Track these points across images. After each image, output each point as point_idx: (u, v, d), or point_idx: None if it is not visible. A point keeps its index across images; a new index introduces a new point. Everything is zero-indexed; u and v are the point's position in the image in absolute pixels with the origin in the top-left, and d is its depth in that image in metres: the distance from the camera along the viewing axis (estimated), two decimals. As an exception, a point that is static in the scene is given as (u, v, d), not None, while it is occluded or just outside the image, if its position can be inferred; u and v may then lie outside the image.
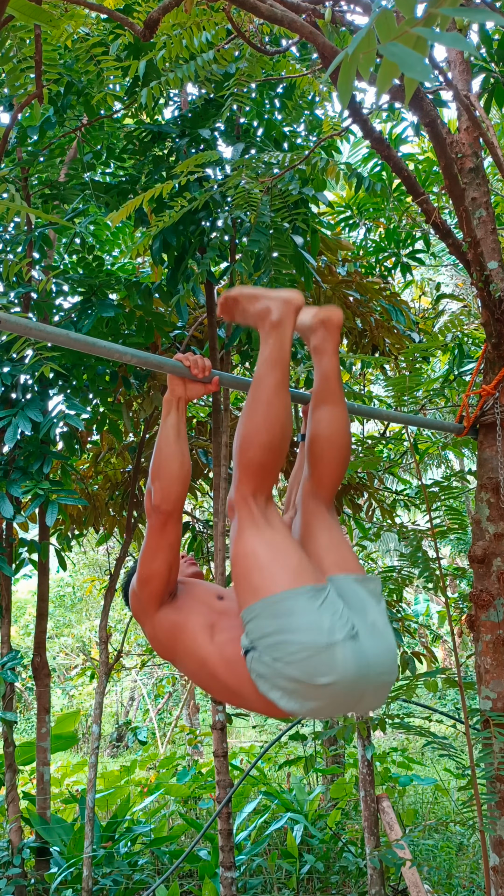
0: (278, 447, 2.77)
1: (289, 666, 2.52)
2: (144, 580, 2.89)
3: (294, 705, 2.56)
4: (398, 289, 9.93)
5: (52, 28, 4.79)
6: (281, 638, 2.53)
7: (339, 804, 9.23)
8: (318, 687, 2.51)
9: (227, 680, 2.75)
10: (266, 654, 2.56)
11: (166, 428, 2.89)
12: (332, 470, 3.05)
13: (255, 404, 2.77)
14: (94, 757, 7.54)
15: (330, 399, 3.08)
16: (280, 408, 2.77)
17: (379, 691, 2.67)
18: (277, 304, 2.87)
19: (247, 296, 2.98)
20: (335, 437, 3.05)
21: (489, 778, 3.97)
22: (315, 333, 3.14)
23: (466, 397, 4.27)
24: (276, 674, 2.54)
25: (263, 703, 2.66)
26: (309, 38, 3.71)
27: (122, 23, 4.26)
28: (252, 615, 2.61)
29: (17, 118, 5.59)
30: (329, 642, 2.51)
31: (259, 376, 2.80)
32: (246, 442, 2.76)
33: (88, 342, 2.89)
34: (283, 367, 2.82)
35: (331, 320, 3.13)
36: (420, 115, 4.02)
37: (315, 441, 3.05)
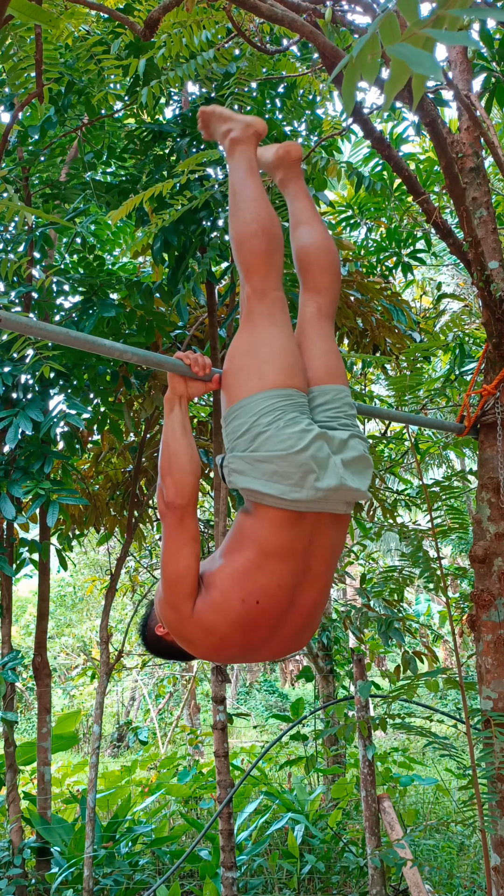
0: (271, 233, 2.92)
1: (261, 448, 2.65)
2: (175, 582, 2.79)
3: (276, 488, 2.63)
4: (399, 288, 9.93)
5: (52, 27, 4.79)
6: (256, 431, 2.66)
7: (340, 804, 9.22)
8: (289, 456, 2.62)
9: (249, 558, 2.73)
10: (240, 449, 2.69)
11: (172, 423, 2.89)
12: (324, 275, 3.19)
13: (240, 203, 2.97)
14: (95, 757, 7.53)
15: (305, 216, 3.30)
16: (263, 202, 2.99)
17: (354, 464, 2.78)
18: (239, 125, 3.21)
19: (218, 114, 3.35)
20: (320, 242, 3.22)
21: (490, 778, 3.96)
22: (278, 169, 3.41)
23: (467, 397, 4.27)
24: (251, 459, 2.65)
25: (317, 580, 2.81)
26: (309, 38, 3.71)
27: (123, 22, 4.26)
28: (233, 415, 2.74)
29: (17, 117, 5.59)
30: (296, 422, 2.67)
31: (234, 182, 3.04)
32: (240, 236, 2.92)
33: (89, 341, 2.88)
34: (255, 174, 3.08)
35: (289, 154, 3.39)
36: (421, 115, 4.02)
37: (302, 252, 3.23)
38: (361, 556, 9.12)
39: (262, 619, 2.78)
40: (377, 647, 10.09)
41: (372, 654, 10.59)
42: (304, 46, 6.24)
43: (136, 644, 16.44)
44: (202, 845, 8.72)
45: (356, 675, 6.73)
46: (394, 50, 1.51)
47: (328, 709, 10.56)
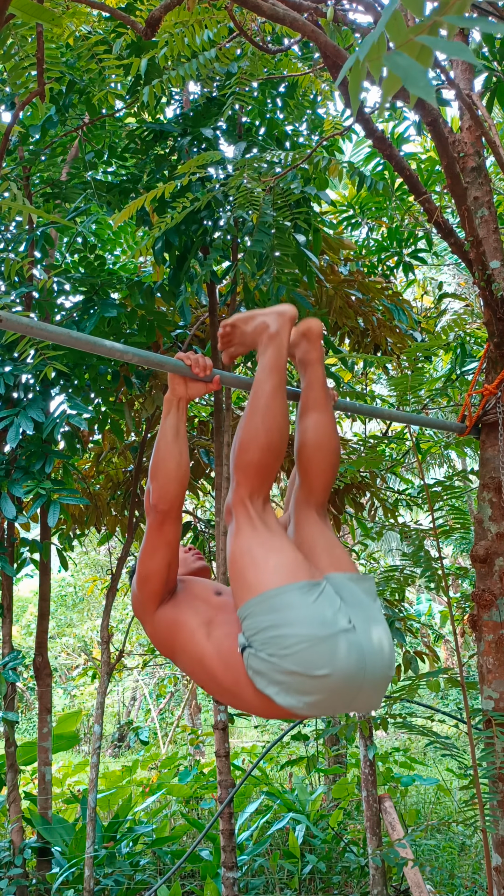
0: (276, 449, 2.82)
1: (285, 659, 2.53)
2: (143, 579, 2.90)
3: (291, 700, 2.56)
4: (400, 288, 9.92)
5: (54, 26, 4.78)
6: (277, 632, 2.55)
7: (341, 804, 9.23)
8: (316, 679, 2.52)
9: (223, 679, 2.75)
10: (262, 650, 2.57)
11: (165, 427, 2.90)
12: (321, 476, 3.09)
13: (255, 409, 2.84)
14: (96, 757, 7.53)
15: (315, 407, 3.13)
16: (278, 411, 2.84)
17: (377, 687, 2.67)
18: (272, 317, 3.01)
19: (243, 318, 3.12)
20: (322, 442, 3.09)
21: (491, 777, 3.96)
22: (298, 346, 3.22)
23: (469, 397, 4.26)
24: (273, 668, 2.55)
25: (260, 702, 2.66)
26: (311, 37, 3.70)
27: (124, 21, 4.26)
28: (248, 611, 2.63)
29: (18, 117, 5.59)
30: (326, 634, 2.53)
31: (258, 382, 2.88)
32: (244, 445, 2.81)
33: (90, 341, 2.88)
34: (281, 373, 2.91)
35: (311, 331, 3.19)
36: (422, 114, 4.01)
37: (303, 448, 3.09)
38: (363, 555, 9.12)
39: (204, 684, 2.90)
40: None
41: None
42: (306, 46, 6.24)
43: (136, 644, 16.46)
44: (203, 845, 8.72)
45: (357, 675, 6.70)
46: (389, 61, 1.51)
47: (329, 709, 10.54)
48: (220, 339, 3.18)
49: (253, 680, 2.61)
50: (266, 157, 5.38)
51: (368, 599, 2.75)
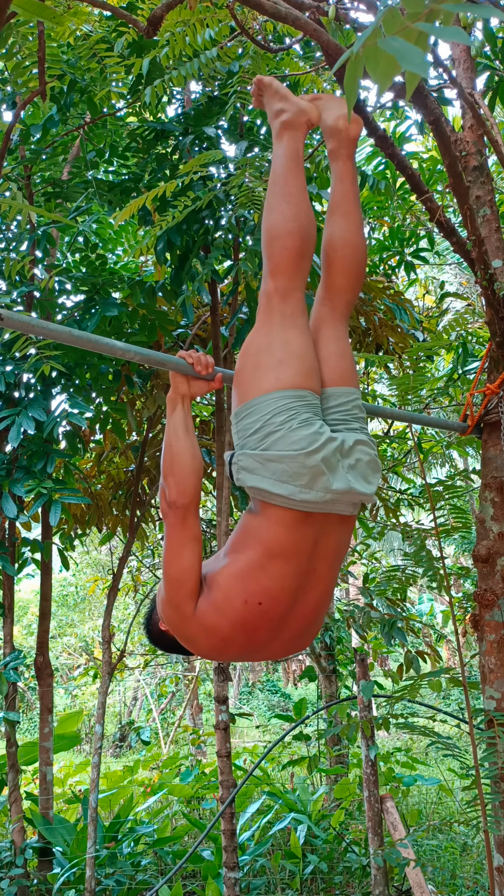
0: (307, 233, 2.88)
1: (272, 447, 2.63)
2: (178, 582, 2.79)
3: (286, 488, 2.61)
4: (402, 287, 9.91)
5: (56, 24, 4.78)
6: (267, 430, 2.64)
7: (343, 804, 9.22)
8: (299, 457, 2.60)
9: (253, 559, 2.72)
10: (251, 447, 2.67)
11: (174, 423, 2.88)
12: (346, 276, 3.10)
13: (278, 196, 2.89)
14: (97, 757, 7.52)
15: (344, 203, 3.14)
16: (302, 198, 2.91)
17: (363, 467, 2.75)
18: (293, 108, 3.10)
19: (274, 89, 3.21)
20: (349, 238, 3.10)
21: (493, 778, 3.95)
22: (333, 137, 3.21)
23: (470, 396, 4.25)
24: (262, 458, 2.63)
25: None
26: (313, 36, 3.69)
27: (126, 20, 4.24)
28: (244, 413, 2.72)
29: (19, 116, 5.58)
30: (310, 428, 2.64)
31: (277, 171, 2.95)
32: (274, 230, 2.86)
33: (91, 339, 2.88)
34: (299, 165, 2.98)
35: (347, 132, 3.20)
36: (424, 113, 4.00)
37: (329, 245, 3.11)
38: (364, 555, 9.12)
39: (263, 620, 2.77)
40: (380, 647, 10.08)
41: (375, 654, 10.59)
42: (308, 45, 6.23)
43: (138, 644, 16.45)
44: (204, 845, 8.71)
45: (359, 675, 6.72)
46: (385, 44, 1.50)
47: (331, 709, 10.55)
48: (253, 86, 3.30)
49: (244, 482, 2.68)
50: (268, 157, 5.37)
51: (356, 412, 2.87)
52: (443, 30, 1.51)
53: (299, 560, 2.73)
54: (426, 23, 1.53)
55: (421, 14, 1.53)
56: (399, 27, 1.55)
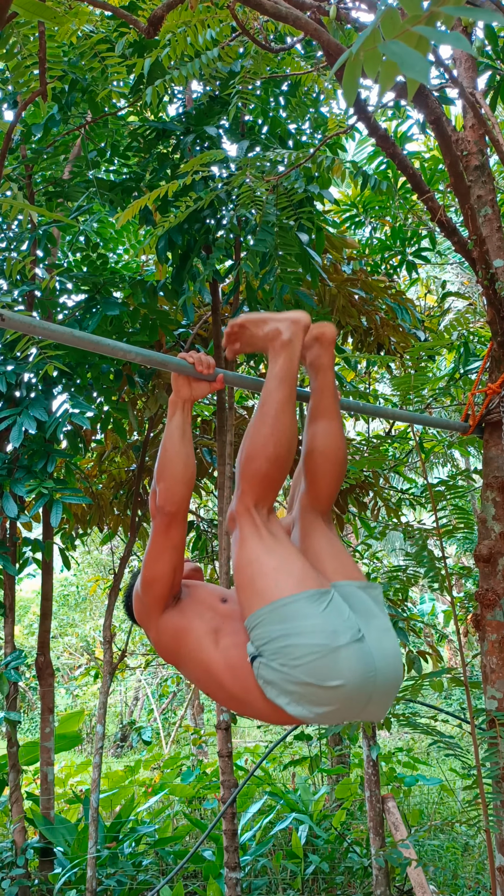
0: (284, 460, 2.80)
1: (296, 669, 2.52)
2: (148, 582, 2.87)
3: (303, 711, 2.57)
4: (403, 287, 9.91)
5: (57, 24, 4.77)
6: (288, 642, 2.54)
7: (345, 804, 9.22)
8: (327, 690, 2.51)
9: (231, 687, 2.74)
10: (273, 660, 2.56)
11: (171, 429, 2.89)
12: (328, 483, 3.06)
13: (263, 418, 2.81)
14: (98, 757, 7.52)
15: (325, 414, 3.10)
16: (287, 422, 2.82)
17: (386, 695, 2.67)
18: (286, 324, 2.93)
19: (253, 321, 3.03)
20: (330, 451, 3.06)
21: (495, 778, 3.95)
22: (310, 350, 3.15)
23: (472, 396, 4.25)
24: (285, 679, 2.54)
25: (270, 709, 2.66)
26: (314, 36, 3.69)
27: (127, 20, 4.24)
28: (257, 621, 2.61)
29: (21, 115, 5.58)
30: (336, 644, 2.52)
31: (268, 391, 2.84)
32: (252, 453, 2.79)
33: (93, 340, 2.87)
34: (292, 383, 2.87)
35: (325, 336, 3.13)
36: (425, 113, 4.00)
37: (311, 455, 3.07)
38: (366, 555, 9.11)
39: (209, 692, 2.90)
40: (381, 647, 10.06)
41: (376, 654, 10.57)
42: (309, 44, 6.23)
43: (139, 644, 16.46)
44: (206, 845, 8.72)
45: (360, 675, 6.70)
46: (386, 49, 1.50)
47: (332, 709, 10.52)
48: (225, 336, 3.11)
49: (263, 689, 2.61)
50: (269, 156, 5.37)
51: (377, 608, 2.75)
52: (444, 35, 1.51)
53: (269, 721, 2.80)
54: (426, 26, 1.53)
55: (421, 17, 1.53)
56: (399, 30, 1.54)
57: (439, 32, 1.51)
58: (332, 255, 7.68)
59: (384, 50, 1.51)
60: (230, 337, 3.10)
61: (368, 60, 1.60)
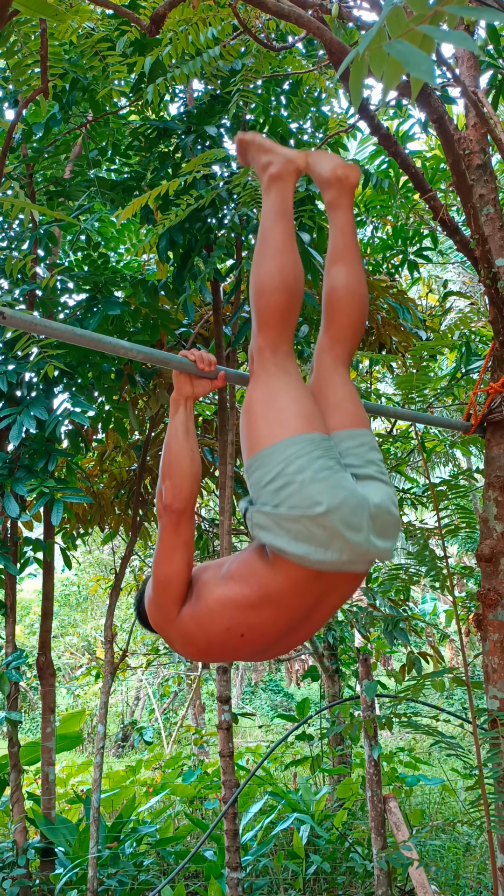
0: (293, 288, 2.84)
1: (282, 505, 2.56)
2: (163, 584, 2.82)
3: (305, 548, 2.56)
4: (405, 286, 9.90)
5: (58, 22, 4.77)
6: (282, 482, 2.57)
7: (346, 804, 9.20)
8: (316, 518, 2.53)
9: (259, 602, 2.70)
10: (266, 504, 2.60)
11: (175, 426, 2.88)
12: (349, 323, 3.07)
13: (266, 251, 2.86)
14: (100, 757, 7.51)
15: (345, 254, 3.12)
16: (290, 252, 2.87)
17: (384, 527, 2.69)
18: (281, 160, 3.04)
19: (257, 145, 3.16)
20: (352, 287, 3.07)
21: (497, 778, 3.95)
22: (331, 188, 3.17)
23: (474, 395, 4.24)
24: (277, 517, 2.57)
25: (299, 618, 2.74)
26: (316, 34, 3.68)
27: (128, 18, 4.24)
28: (256, 463, 2.66)
29: (22, 114, 5.57)
30: (325, 473, 2.57)
31: (265, 226, 2.92)
32: (261, 287, 2.83)
33: (94, 338, 2.87)
34: (288, 218, 2.94)
35: (348, 178, 3.15)
36: (428, 112, 3.99)
37: (331, 293, 3.08)
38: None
39: (243, 646, 2.83)
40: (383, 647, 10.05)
41: (378, 654, 10.57)
42: (310, 43, 6.22)
43: (140, 643, 16.44)
44: (207, 845, 8.71)
45: (362, 675, 6.71)
46: (391, 48, 1.50)
47: (334, 708, 10.52)
48: (237, 143, 3.28)
49: (261, 538, 2.63)
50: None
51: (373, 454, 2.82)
52: (448, 34, 1.50)
53: (297, 612, 2.75)
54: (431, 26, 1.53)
55: (425, 17, 1.52)
56: (404, 30, 1.54)
57: (444, 31, 1.51)
58: (333, 255, 7.66)
59: (389, 49, 1.50)
60: (240, 148, 3.28)
61: (374, 60, 1.59)
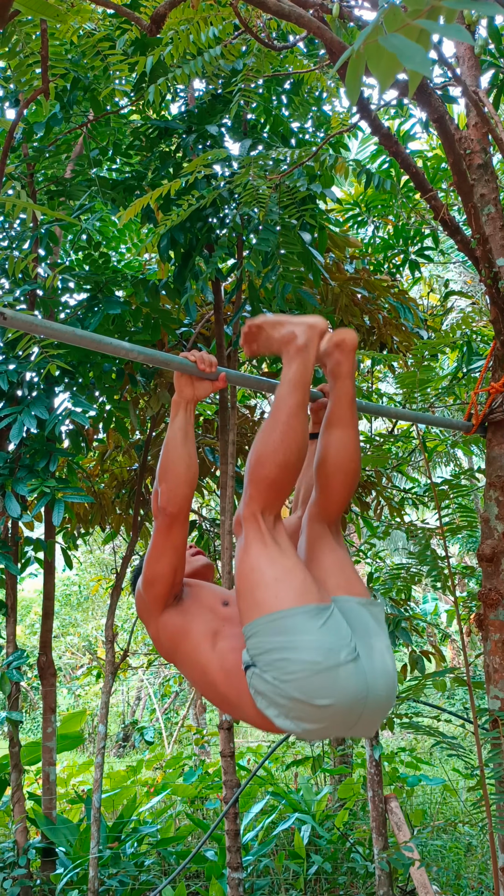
0: (293, 466, 2.78)
1: (288, 685, 2.51)
2: (149, 581, 2.89)
3: (290, 725, 2.56)
4: (406, 286, 9.90)
5: (59, 22, 4.76)
6: (282, 655, 2.53)
7: (347, 804, 9.20)
8: (317, 708, 2.51)
9: (225, 690, 2.75)
10: (266, 672, 2.55)
11: (174, 430, 2.88)
12: (339, 494, 3.04)
13: (275, 423, 2.78)
14: (101, 757, 7.51)
15: (341, 422, 3.07)
16: (298, 428, 2.79)
17: (376, 715, 2.66)
18: (303, 328, 2.90)
19: (271, 323, 3.00)
20: (344, 462, 3.04)
21: (498, 778, 3.94)
22: (330, 357, 3.12)
23: (475, 395, 4.24)
24: (276, 692, 2.54)
25: (260, 717, 2.66)
26: (316, 34, 3.68)
27: (129, 17, 4.23)
28: (254, 630, 2.60)
29: (23, 114, 5.57)
30: (331, 664, 2.51)
31: (280, 397, 2.81)
32: (261, 459, 2.77)
33: (95, 339, 2.87)
34: (305, 389, 2.84)
35: (345, 342, 3.09)
36: (428, 111, 3.99)
37: (323, 464, 3.05)
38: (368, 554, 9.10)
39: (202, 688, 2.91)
40: (384, 647, 10.06)
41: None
42: (312, 42, 6.22)
43: (141, 643, 16.46)
44: (208, 846, 8.71)
45: (363, 675, 6.69)
46: (386, 41, 1.49)
47: (335, 708, 10.51)
48: (243, 336, 3.09)
49: (254, 699, 2.61)
50: (272, 155, 5.36)
51: (376, 626, 2.74)
52: (444, 27, 1.50)
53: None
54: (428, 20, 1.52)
55: (422, 11, 1.52)
56: (400, 24, 1.54)
57: (440, 25, 1.51)
58: (334, 254, 7.67)
59: (384, 43, 1.50)
60: (247, 336, 3.08)
61: (370, 54, 1.59)
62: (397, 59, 1.50)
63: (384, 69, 1.57)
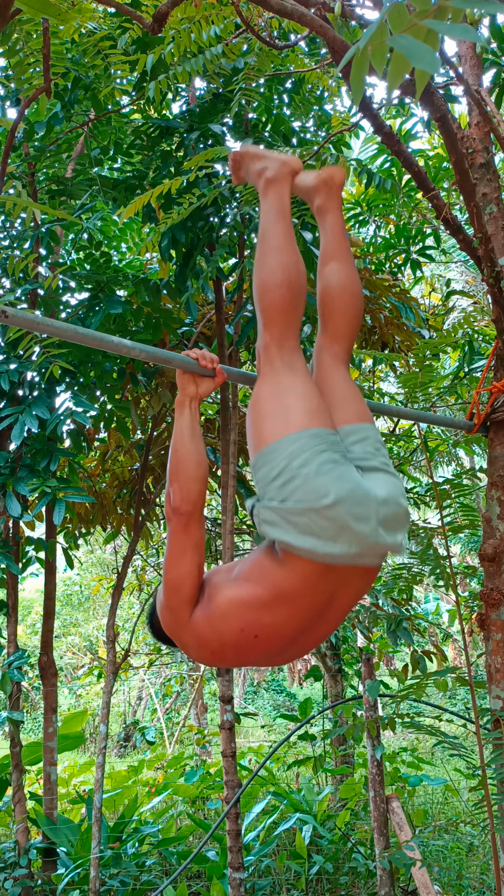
0: (296, 285, 2.87)
1: (290, 499, 2.56)
2: (175, 587, 2.80)
3: (310, 542, 2.55)
4: (408, 285, 9.89)
5: (60, 22, 4.76)
6: (287, 476, 2.58)
7: (349, 805, 9.19)
8: (324, 510, 2.52)
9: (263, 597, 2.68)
10: (273, 499, 2.60)
11: (180, 428, 2.88)
12: (345, 320, 3.11)
13: (267, 250, 2.90)
14: (102, 757, 7.50)
15: (337, 254, 3.18)
16: (291, 250, 2.92)
17: (394, 519, 2.67)
18: (274, 163, 3.10)
19: (251, 154, 3.23)
20: (346, 286, 3.12)
21: (500, 778, 3.94)
22: (318, 193, 3.26)
23: (477, 394, 4.23)
24: (284, 512, 2.57)
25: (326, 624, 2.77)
26: (318, 33, 3.67)
27: (131, 16, 4.23)
28: (261, 462, 2.66)
29: (23, 113, 5.56)
30: (327, 468, 2.57)
31: (265, 226, 2.97)
32: (265, 284, 2.87)
33: (96, 337, 2.87)
34: (287, 216, 2.99)
35: (332, 179, 3.23)
36: (431, 110, 3.98)
37: (326, 293, 3.13)
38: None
39: (257, 648, 2.79)
40: (386, 647, 10.05)
41: (380, 654, 10.56)
42: (313, 41, 6.21)
43: (142, 643, 16.44)
44: (209, 846, 8.70)
45: (365, 675, 6.70)
46: (394, 42, 1.49)
47: (336, 708, 10.52)
48: (230, 164, 3.31)
49: (268, 533, 2.62)
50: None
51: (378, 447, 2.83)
52: (451, 27, 1.50)
53: (310, 610, 2.72)
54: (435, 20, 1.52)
55: (429, 11, 1.52)
56: (407, 24, 1.53)
57: (448, 25, 1.50)
58: (336, 254, 7.65)
59: (392, 43, 1.50)
60: (233, 164, 3.31)
61: (376, 55, 1.59)
62: (406, 60, 1.49)
63: (393, 69, 1.57)
